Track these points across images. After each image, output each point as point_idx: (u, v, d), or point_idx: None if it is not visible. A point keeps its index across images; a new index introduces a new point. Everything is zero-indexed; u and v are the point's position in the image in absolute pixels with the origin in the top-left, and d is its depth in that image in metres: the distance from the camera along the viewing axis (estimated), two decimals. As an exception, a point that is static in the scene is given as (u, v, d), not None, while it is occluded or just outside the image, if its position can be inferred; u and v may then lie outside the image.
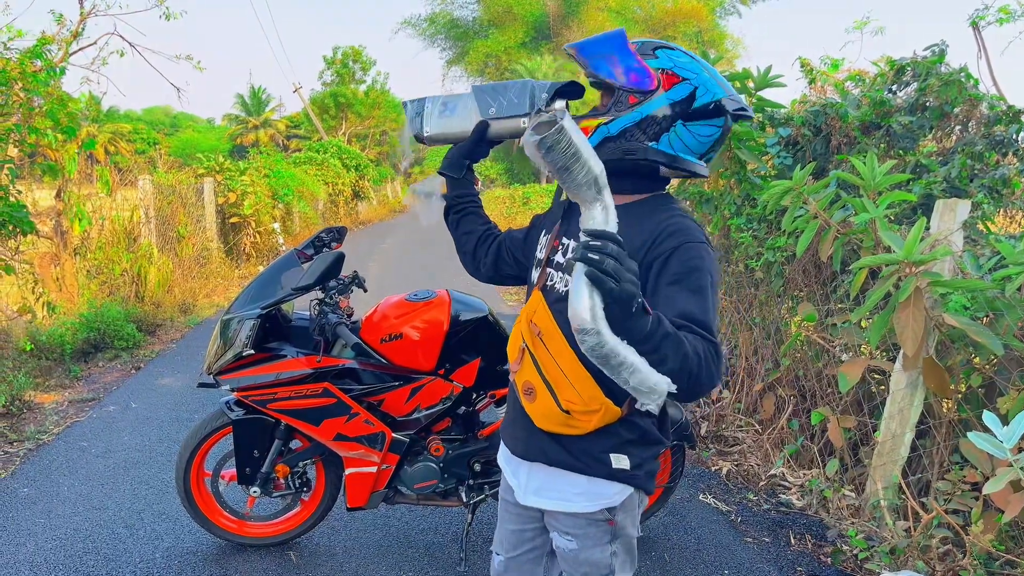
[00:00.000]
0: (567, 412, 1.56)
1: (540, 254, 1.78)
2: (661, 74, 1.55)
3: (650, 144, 1.56)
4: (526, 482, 1.77)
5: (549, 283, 1.68)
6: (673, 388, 1.31)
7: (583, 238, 1.22)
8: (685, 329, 1.37)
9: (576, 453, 1.65)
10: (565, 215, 1.75)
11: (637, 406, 1.36)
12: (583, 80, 1.74)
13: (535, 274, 1.77)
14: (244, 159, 17.50)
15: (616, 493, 1.68)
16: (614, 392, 1.52)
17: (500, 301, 10.14)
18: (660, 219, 1.57)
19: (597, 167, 1.25)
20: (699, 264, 1.49)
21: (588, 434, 1.60)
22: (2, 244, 5.95)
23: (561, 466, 1.67)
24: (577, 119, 1.58)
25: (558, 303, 1.60)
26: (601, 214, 1.26)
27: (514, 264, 1.97)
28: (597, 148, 1.52)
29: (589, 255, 1.18)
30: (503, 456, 1.90)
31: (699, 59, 1.62)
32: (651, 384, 1.28)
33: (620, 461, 1.64)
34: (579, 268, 1.22)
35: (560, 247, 1.70)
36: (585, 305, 1.22)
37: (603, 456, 1.64)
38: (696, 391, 1.38)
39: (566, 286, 1.61)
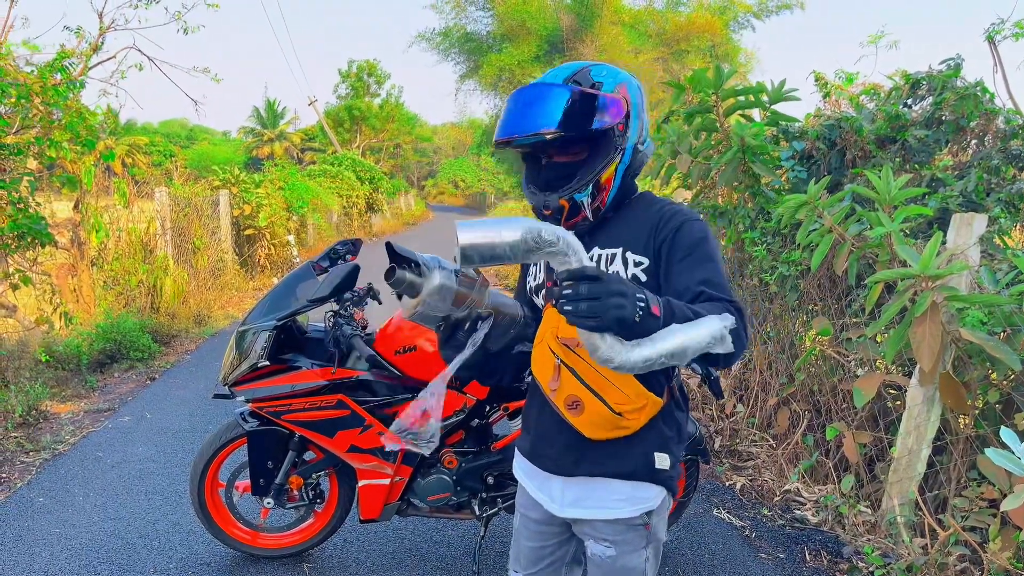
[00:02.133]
0: (619, 414, 1.60)
1: (535, 281, 1.83)
2: (618, 92, 1.63)
3: (642, 148, 1.69)
4: (561, 495, 1.76)
5: None
6: (728, 322, 1.31)
7: (554, 290, 1.24)
8: (704, 297, 1.46)
9: (624, 457, 1.67)
10: None
11: (715, 350, 1.32)
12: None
13: (542, 297, 1.80)
14: (259, 171, 17.62)
15: (655, 496, 1.71)
16: (651, 384, 1.60)
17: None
18: (654, 210, 1.67)
19: (512, 238, 1.23)
20: (702, 236, 1.58)
21: (634, 436, 1.64)
22: (21, 255, 6.02)
23: (606, 475, 1.69)
24: (595, 174, 1.61)
25: None
26: (562, 258, 1.27)
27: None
28: (623, 180, 1.65)
29: (564, 307, 1.20)
30: (524, 472, 1.89)
31: (596, 61, 1.71)
32: (705, 343, 1.29)
33: (663, 461, 1.68)
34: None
35: None
36: (594, 344, 1.26)
37: (649, 454, 1.67)
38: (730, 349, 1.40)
39: None
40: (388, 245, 1.54)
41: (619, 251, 1.64)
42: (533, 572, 1.91)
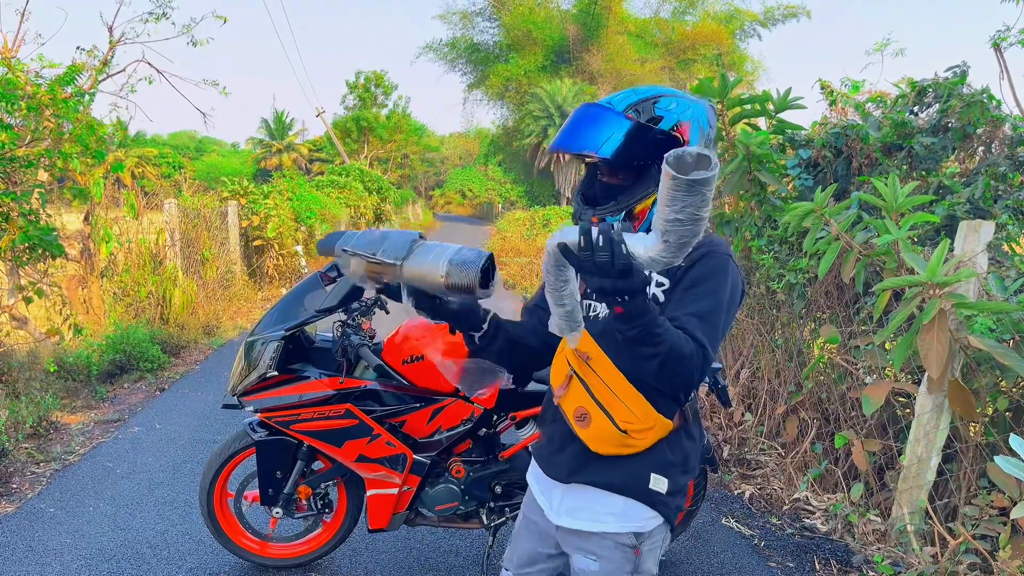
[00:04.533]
0: (624, 432, 1.62)
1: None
2: (675, 130, 1.61)
3: None
4: (559, 503, 1.79)
5: (592, 313, 1.74)
6: (566, 334, 1.49)
7: (601, 227, 1.29)
8: (684, 328, 1.50)
9: (620, 471, 1.69)
10: None
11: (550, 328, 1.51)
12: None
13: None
14: (267, 182, 17.69)
15: (648, 518, 1.71)
16: (661, 406, 1.63)
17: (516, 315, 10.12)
18: None
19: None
20: (714, 271, 1.60)
21: (636, 452, 1.66)
22: (32, 267, 6.06)
23: (601, 486, 1.71)
24: (631, 203, 1.64)
25: (606, 331, 1.63)
26: (645, 248, 1.31)
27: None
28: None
29: (579, 242, 1.29)
30: (534, 475, 1.93)
31: (675, 91, 1.68)
32: (561, 324, 1.47)
33: (659, 483, 1.69)
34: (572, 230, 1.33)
35: None
36: (561, 271, 1.40)
37: (644, 473, 1.68)
38: (667, 380, 1.50)
39: (607, 311, 1.68)
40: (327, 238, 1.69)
41: None
42: (524, 572, 1.95)
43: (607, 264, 1.28)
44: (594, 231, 1.28)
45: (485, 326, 1.73)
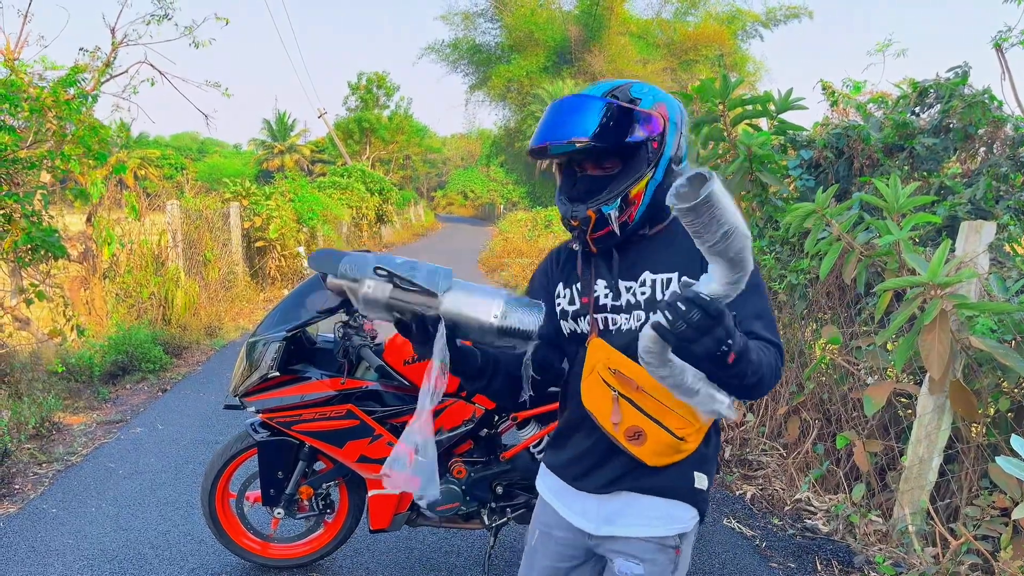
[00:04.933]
0: (681, 439, 1.61)
1: (571, 306, 1.75)
2: (655, 110, 1.62)
3: (676, 168, 1.66)
4: (596, 512, 1.74)
5: (613, 327, 1.67)
6: (732, 414, 1.44)
7: (671, 297, 1.26)
8: (753, 336, 1.51)
9: (668, 474, 1.67)
10: (586, 260, 1.74)
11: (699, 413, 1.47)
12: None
13: (579, 324, 1.73)
14: (270, 184, 17.73)
15: (691, 518, 1.71)
16: None
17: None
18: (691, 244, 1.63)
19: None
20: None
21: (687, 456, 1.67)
22: (34, 268, 6.07)
23: (647, 491, 1.69)
24: (625, 187, 1.60)
25: (632, 344, 1.55)
26: (719, 285, 1.27)
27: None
28: (653, 196, 1.62)
29: (669, 319, 1.25)
30: (552, 491, 1.86)
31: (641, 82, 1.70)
32: (714, 408, 1.41)
33: (702, 481, 1.69)
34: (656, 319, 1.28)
35: (609, 291, 1.68)
36: (660, 356, 1.33)
37: (689, 473, 1.68)
38: (763, 393, 1.51)
39: (639, 321, 1.62)
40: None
41: (675, 276, 1.61)
42: None
43: (703, 319, 1.24)
44: (665, 308, 1.25)
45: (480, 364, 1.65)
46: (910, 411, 3.83)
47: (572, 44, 34.56)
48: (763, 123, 4.93)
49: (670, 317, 1.24)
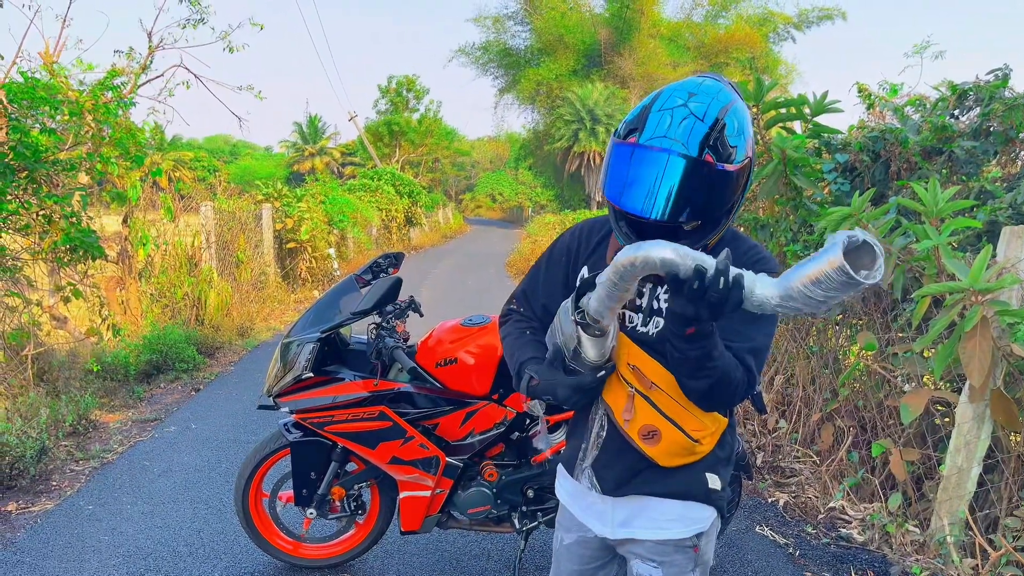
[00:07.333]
0: (696, 440, 1.61)
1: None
2: (747, 154, 1.49)
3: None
4: (612, 515, 1.74)
5: (629, 325, 1.65)
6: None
7: (721, 270, 1.25)
8: (739, 356, 1.50)
9: (679, 477, 1.67)
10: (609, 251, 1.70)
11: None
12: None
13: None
14: (301, 186, 17.91)
15: (707, 517, 1.71)
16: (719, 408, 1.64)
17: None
18: (742, 251, 1.62)
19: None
20: None
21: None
22: (72, 268, 6.18)
23: (659, 494, 1.68)
24: (702, 243, 1.53)
25: (645, 345, 1.60)
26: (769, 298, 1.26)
27: None
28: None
29: (705, 281, 1.25)
30: (569, 494, 1.85)
31: (717, 90, 1.50)
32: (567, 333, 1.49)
33: (714, 481, 1.68)
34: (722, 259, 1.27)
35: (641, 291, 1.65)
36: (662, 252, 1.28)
37: (701, 475, 1.67)
38: (715, 405, 1.56)
39: (657, 327, 1.60)
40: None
41: None
42: None
43: (720, 301, 1.25)
44: (710, 273, 1.24)
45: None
46: (948, 419, 3.76)
47: (602, 47, 34.51)
48: (797, 126, 4.87)
49: (697, 278, 1.25)
